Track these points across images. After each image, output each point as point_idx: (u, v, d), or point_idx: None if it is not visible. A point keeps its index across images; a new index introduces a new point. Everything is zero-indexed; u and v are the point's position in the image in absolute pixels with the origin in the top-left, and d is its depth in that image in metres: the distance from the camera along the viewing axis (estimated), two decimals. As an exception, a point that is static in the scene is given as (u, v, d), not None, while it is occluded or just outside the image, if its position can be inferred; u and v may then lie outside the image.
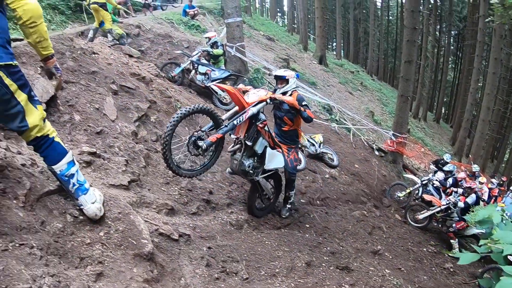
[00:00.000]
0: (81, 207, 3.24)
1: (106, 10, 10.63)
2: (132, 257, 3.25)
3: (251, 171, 5.45)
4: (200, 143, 4.58)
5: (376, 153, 13.96)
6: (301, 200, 7.86)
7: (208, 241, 4.61)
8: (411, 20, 13.78)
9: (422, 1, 27.18)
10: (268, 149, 5.62)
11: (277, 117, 6.17)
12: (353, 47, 51.79)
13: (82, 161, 4.45)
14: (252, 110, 5.08)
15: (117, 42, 10.56)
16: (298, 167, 8.89)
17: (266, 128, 5.50)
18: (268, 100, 5.27)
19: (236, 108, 5.22)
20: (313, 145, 10.15)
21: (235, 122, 4.95)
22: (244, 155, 5.38)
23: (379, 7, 50.45)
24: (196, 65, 10.67)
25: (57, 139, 3.03)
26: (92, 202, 3.24)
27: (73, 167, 3.13)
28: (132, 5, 15.79)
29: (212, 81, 10.49)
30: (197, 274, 3.99)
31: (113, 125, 5.87)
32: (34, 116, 2.81)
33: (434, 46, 42.07)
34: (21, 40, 11.08)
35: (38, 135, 2.89)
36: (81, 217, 3.30)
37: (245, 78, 12.73)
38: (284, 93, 5.83)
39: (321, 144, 10.37)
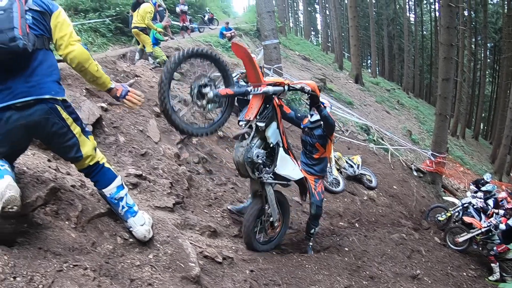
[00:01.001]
0: (131, 229, 3.32)
1: (147, 34, 10.93)
2: (179, 279, 3.27)
3: (259, 164, 4.56)
4: (206, 90, 3.90)
5: (415, 173, 13.75)
6: (340, 223, 7.82)
7: (250, 264, 4.61)
8: (447, 36, 13.57)
9: (456, 15, 26.72)
10: (281, 150, 4.86)
11: (308, 144, 5.81)
12: (388, 64, 51.33)
13: (129, 183, 4.59)
14: (268, 88, 4.46)
15: (158, 65, 10.86)
16: (337, 189, 8.96)
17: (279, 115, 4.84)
18: (286, 87, 4.68)
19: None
20: (352, 166, 10.15)
21: (249, 88, 4.42)
22: (253, 141, 4.61)
23: (413, 22, 50.02)
24: None
25: (107, 165, 3.16)
26: (141, 224, 3.32)
27: (122, 190, 3.21)
28: (170, 28, 16.26)
29: None
30: (240, 296, 4.02)
31: (157, 147, 6.05)
32: (87, 146, 2.97)
33: (470, 60, 41.06)
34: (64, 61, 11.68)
35: (91, 163, 3.04)
36: (131, 240, 3.38)
37: (283, 100, 12.89)
38: (317, 122, 5.66)
39: (360, 166, 10.36)
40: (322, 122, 5.49)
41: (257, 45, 19.10)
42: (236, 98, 4.51)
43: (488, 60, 45.54)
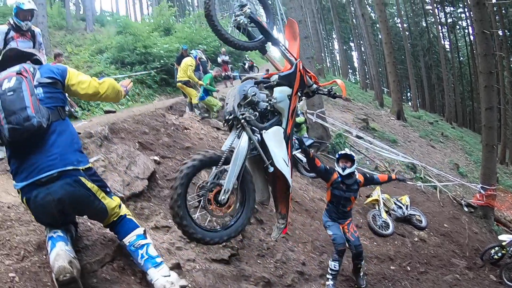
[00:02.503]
0: (151, 281, 3.04)
1: (190, 86, 11.36)
2: None
3: (251, 101, 3.50)
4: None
5: (465, 209, 13.36)
6: (391, 267, 7.73)
7: None
8: (486, 64, 13.32)
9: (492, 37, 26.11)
10: (279, 127, 3.76)
11: (342, 198, 6.19)
12: (428, 95, 50.65)
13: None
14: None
15: (206, 116, 11.21)
16: (387, 232, 8.93)
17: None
18: (315, 86, 4.34)
19: None
20: (400, 207, 10.09)
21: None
22: (262, 88, 3.81)
23: (448, 49, 49.47)
24: None
25: (129, 217, 3.23)
26: (163, 275, 3.02)
27: (142, 239, 3.12)
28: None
29: (297, 149, 10.89)
30: None
31: (210, 199, 6.32)
32: (112, 207, 3.08)
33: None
34: (113, 112, 12.32)
35: (115, 219, 3.15)
36: None
37: (328, 144, 13.07)
38: (351, 173, 6.17)
39: (408, 206, 10.28)
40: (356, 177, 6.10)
41: (299, 90, 19.46)
42: None
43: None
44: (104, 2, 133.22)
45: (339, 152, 6.54)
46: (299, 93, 4.08)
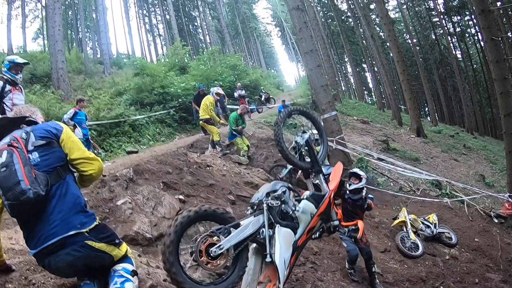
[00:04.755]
0: None
1: (212, 124, 11.50)
2: None
3: (280, 195, 3.78)
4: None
5: (495, 220, 13.06)
6: None
7: None
8: (499, 71, 13.26)
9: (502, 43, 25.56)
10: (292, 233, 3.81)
11: (348, 211, 7.18)
12: (446, 107, 50.22)
13: (215, 274, 4.85)
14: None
15: (227, 152, 11.41)
16: (417, 253, 8.84)
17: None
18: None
19: None
20: (429, 226, 9.98)
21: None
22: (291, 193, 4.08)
23: (461, 59, 49.15)
24: None
25: (129, 255, 3.27)
26: None
27: (126, 273, 3.06)
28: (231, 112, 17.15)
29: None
30: None
31: (236, 234, 6.39)
32: (120, 257, 3.12)
33: None
34: (136, 152, 12.57)
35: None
36: None
37: (350, 171, 13.07)
38: (357, 189, 7.06)
39: (437, 224, 10.16)
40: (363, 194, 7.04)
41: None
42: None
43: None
44: (119, 45, 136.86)
45: (349, 171, 7.50)
46: (320, 220, 4.25)
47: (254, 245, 3.75)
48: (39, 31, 44.79)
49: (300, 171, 11.24)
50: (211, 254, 3.15)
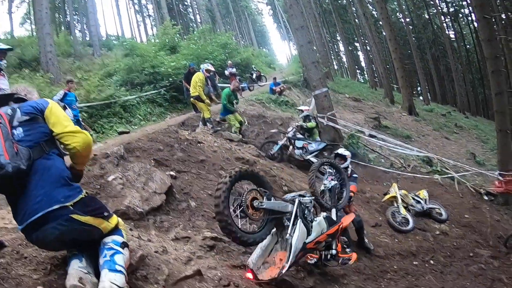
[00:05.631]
0: (101, 280, 2.85)
1: (202, 101, 11.45)
2: None
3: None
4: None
5: (486, 198, 13.19)
6: (414, 262, 7.74)
7: None
8: (491, 49, 13.30)
9: (494, 21, 25.45)
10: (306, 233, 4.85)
11: None
12: (439, 87, 50.25)
13: (206, 246, 4.90)
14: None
15: (218, 129, 11.39)
16: (407, 228, 8.94)
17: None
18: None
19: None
20: (419, 202, 10.07)
21: None
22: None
23: (454, 39, 49.09)
24: (292, 140, 11.28)
25: (121, 228, 3.22)
26: (112, 282, 2.81)
27: (116, 245, 3.04)
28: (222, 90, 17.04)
29: (311, 153, 11.03)
30: None
31: (227, 209, 6.44)
32: (109, 229, 3.08)
33: None
34: (127, 132, 12.54)
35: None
36: None
37: (341, 146, 13.13)
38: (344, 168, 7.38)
39: (427, 200, 10.25)
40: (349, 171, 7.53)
41: (307, 95, 19.60)
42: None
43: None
44: (109, 26, 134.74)
45: (335, 152, 8.20)
46: (325, 241, 5.33)
47: (274, 229, 4.71)
48: (26, 15, 43.85)
49: (291, 148, 11.32)
50: (254, 205, 4.23)
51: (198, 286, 3.78)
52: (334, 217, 5.73)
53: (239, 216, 4.23)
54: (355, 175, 7.88)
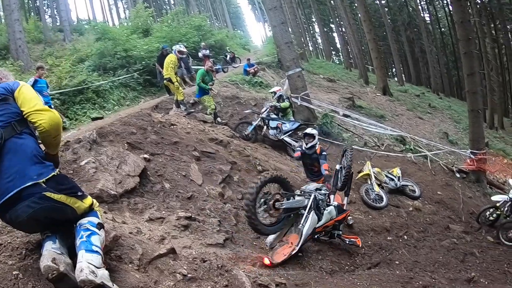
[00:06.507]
0: (78, 260, 2.87)
1: (173, 83, 11.21)
2: None
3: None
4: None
5: (458, 175, 13.50)
6: (388, 237, 7.85)
7: None
8: (463, 31, 13.45)
9: (469, 4, 25.97)
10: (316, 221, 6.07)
11: (308, 164, 8.54)
12: (413, 69, 50.72)
13: (180, 225, 4.95)
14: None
15: (191, 111, 11.34)
16: (381, 205, 9.09)
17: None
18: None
19: None
20: (392, 179, 10.21)
21: None
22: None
23: (429, 21, 49.56)
24: (266, 120, 11.31)
25: (96, 209, 3.23)
26: (90, 262, 2.83)
27: (92, 226, 3.04)
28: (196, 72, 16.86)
29: (285, 133, 11.09)
30: (297, 319, 4.15)
31: (201, 189, 6.42)
32: (83, 208, 3.08)
33: (494, 47, 39.67)
34: (101, 118, 12.39)
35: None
36: (189, 275, 3.67)
37: (315, 125, 13.22)
38: (312, 146, 8.13)
39: (400, 177, 10.40)
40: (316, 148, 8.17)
41: (281, 76, 19.57)
42: None
43: (512, 43, 43.81)
44: (80, 11, 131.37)
45: (304, 132, 8.62)
46: (333, 226, 6.50)
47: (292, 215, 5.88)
48: (-7, 2, 42.40)
49: (265, 128, 11.38)
50: (276, 206, 5.45)
51: (172, 264, 3.80)
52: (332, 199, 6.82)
53: (262, 213, 5.39)
54: (324, 153, 8.15)
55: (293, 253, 5.38)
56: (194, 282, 3.68)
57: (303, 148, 8.28)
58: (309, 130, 8.39)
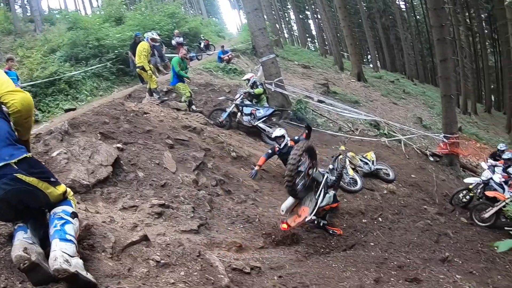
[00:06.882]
0: (52, 249, 2.85)
1: (146, 71, 11.07)
2: None
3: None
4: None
5: (431, 159, 13.78)
6: (363, 220, 7.90)
7: (278, 271, 4.82)
8: (437, 18, 13.67)
9: None
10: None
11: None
12: (388, 56, 51.21)
13: (154, 213, 4.91)
14: None
15: (165, 99, 11.25)
16: (355, 188, 9.20)
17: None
18: None
19: None
20: (366, 163, 10.30)
21: None
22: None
23: (404, 9, 50.01)
24: (240, 107, 11.30)
25: (71, 199, 3.22)
26: (64, 250, 2.83)
27: (66, 215, 3.04)
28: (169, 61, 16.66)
29: (259, 119, 11.11)
30: (272, 301, 4.22)
31: (175, 176, 6.38)
32: (56, 195, 3.06)
33: (468, 35, 40.50)
34: (74, 109, 12.22)
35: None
36: (162, 261, 3.68)
37: (289, 111, 13.26)
38: (285, 145, 8.52)
39: (374, 161, 10.50)
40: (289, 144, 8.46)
41: (256, 63, 19.54)
42: None
43: (486, 31, 44.60)
44: (51, 0, 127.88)
45: (273, 135, 8.94)
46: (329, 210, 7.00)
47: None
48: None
49: (239, 114, 11.38)
50: (309, 173, 6.20)
51: (145, 251, 3.79)
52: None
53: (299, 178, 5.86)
54: (296, 137, 8.69)
55: (306, 220, 5.95)
56: (167, 268, 3.68)
57: (279, 151, 8.69)
58: (277, 133, 8.78)
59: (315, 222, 6.55)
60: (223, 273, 3.88)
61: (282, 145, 8.55)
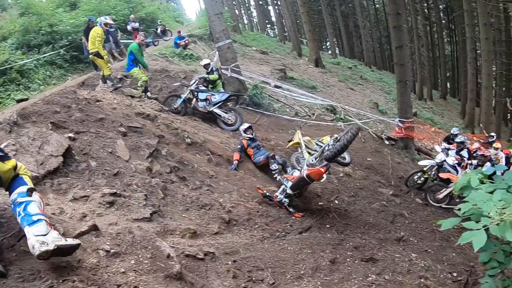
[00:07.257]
0: (28, 239, 2.94)
1: (101, 57, 10.80)
2: (163, 278, 3.58)
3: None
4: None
5: (387, 142, 14.09)
6: (319, 203, 7.99)
7: (232, 256, 4.89)
8: (393, 6, 13.87)
9: None
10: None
11: (256, 147, 9.57)
12: (347, 43, 51.72)
13: (105, 202, 4.88)
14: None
15: (119, 86, 11.04)
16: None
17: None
18: None
19: None
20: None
21: None
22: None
23: (364, -2, 50.60)
24: (196, 93, 11.24)
25: (22, 175, 3.24)
26: (36, 234, 2.90)
27: (23, 197, 3.06)
28: (125, 47, 16.33)
29: (214, 105, 11.09)
30: (225, 286, 4.29)
31: (128, 164, 6.31)
32: (4, 170, 3.08)
33: (425, 24, 41.61)
34: (26, 99, 11.85)
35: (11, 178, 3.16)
36: (112, 251, 3.69)
37: (245, 97, 13.28)
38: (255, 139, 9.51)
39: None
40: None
41: (213, 48, 19.35)
42: None
43: (443, 22, 45.96)
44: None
45: (245, 126, 9.76)
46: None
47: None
48: None
49: (194, 100, 11.32)
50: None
51: (95, 241, 3.79)
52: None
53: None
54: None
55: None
56: (117, 257, 3.68)
57: (248, 143, 9.48)
58: (242, 127, 9.75)
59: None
60: (174, 259, 3.89)
61: (254, 134, 9.61)
